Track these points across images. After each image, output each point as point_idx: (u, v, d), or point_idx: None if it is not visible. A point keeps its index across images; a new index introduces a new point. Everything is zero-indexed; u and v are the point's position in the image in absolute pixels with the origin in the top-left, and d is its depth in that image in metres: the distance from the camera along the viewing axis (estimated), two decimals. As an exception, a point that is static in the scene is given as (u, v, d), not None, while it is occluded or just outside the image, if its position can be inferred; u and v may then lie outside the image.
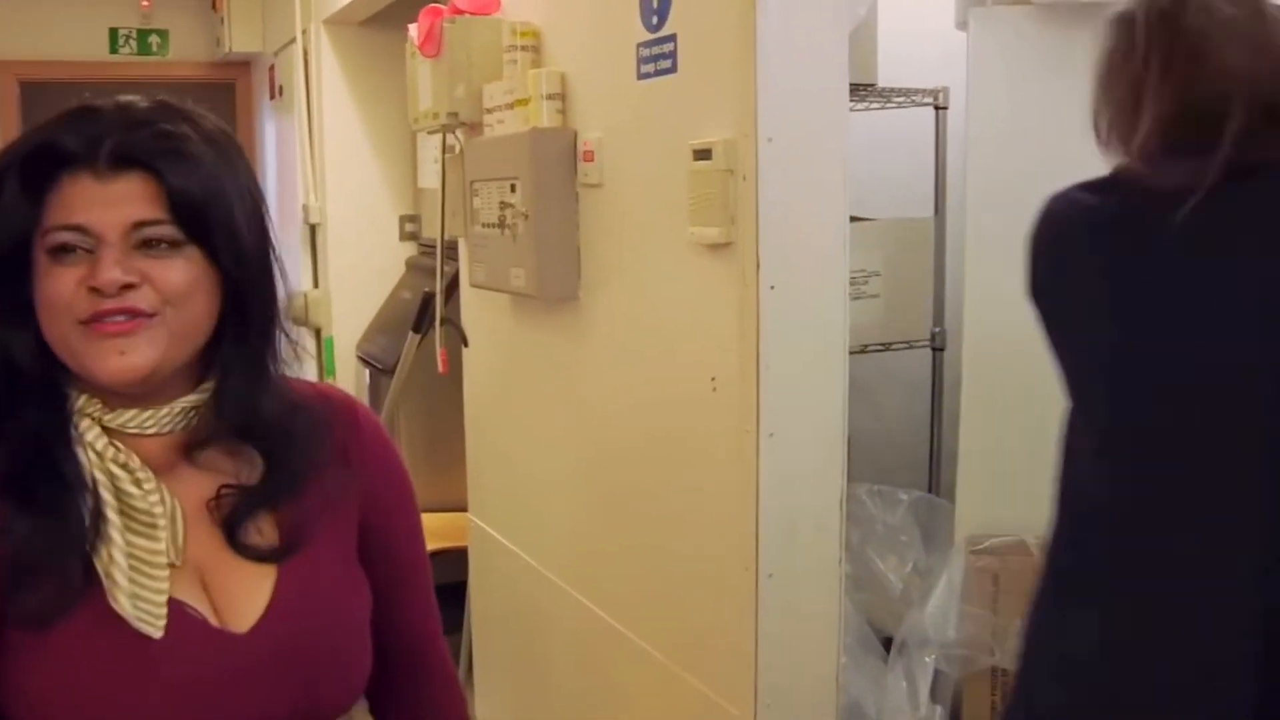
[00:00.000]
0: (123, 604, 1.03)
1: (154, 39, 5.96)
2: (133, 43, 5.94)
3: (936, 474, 2.78)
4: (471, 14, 2.72)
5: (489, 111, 2.68)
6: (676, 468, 2.16)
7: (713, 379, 2.01)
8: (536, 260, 2.44)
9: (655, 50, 2.09)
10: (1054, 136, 2.26)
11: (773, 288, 1.87)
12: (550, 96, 2.44)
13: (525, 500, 2.90)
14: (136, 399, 1.08)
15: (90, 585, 1.03)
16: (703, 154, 1.93)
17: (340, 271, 4.67)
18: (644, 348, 2.26)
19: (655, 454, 2.24)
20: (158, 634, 1.03)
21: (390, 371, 4.14)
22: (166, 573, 1.05)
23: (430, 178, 4.31)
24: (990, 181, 2.26)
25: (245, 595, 1.10)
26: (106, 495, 1.05)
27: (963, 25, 2.39)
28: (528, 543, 2.88)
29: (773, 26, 1.80)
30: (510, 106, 2.56)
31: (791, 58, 1.83)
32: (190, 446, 1.11)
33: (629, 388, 2.33)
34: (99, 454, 1.06)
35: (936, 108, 2.65)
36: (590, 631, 2.53)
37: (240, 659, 1.08)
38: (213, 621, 1.08)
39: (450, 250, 3.88)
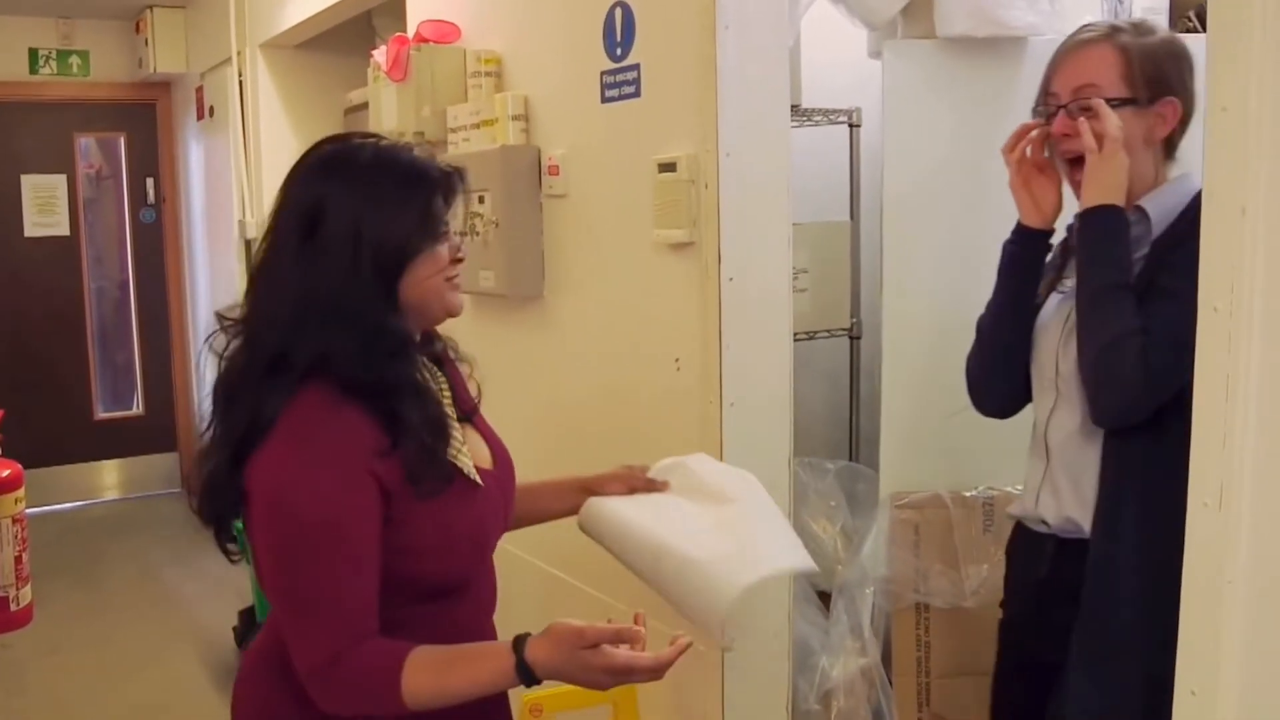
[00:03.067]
0: (469, 470, 1.54)
1: (74, 59, 6.07)
2: (53, 63, 6.04)
3: (856, 447, 3.14)
4: (435, 42, 3.00)
5: (453, 131, 2.97)
6: (644, 438, 2.47)
7: (677, 359, 2.33)
8: (507, 263, 2.74)
9: (620, 78, 2.41)
10: (957, 151, 2.63)
11: (731, 279, 2.20)
12: (515, 117, 2.74)
13: (487, 484, 3.17)
14: None
15: None
16: (667, 167, 2.26)
17: (277, 283, 4.86)
18: (608, 336, 2.57)
19: (623, 427, 2.55)
20: (480, 482, 1.56)
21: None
22: (466, 449, 1.58)
23: (366, 193, 4.55)
24: (903, 191, 2.61)
25: (477, 446, 1.63)
26: (446, 401, 1.57)
27: (875, 55, 2.75)
28: (491, 522, 3.16)
29: (730, 57, 2.14)
30: (476, 126, 2.86)
31: (745, 83, 2.17)
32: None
33: (595, 372, 2.64)
34: (431, 375, 1.57)
35: (850, 126, 3.01)
36: (558, 596, 2.83)
37: (499, 486, 1.63)
38: (478, 464, 1.59)
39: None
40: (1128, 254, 1.75)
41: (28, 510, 4.24)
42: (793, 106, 2.78)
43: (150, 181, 6.42)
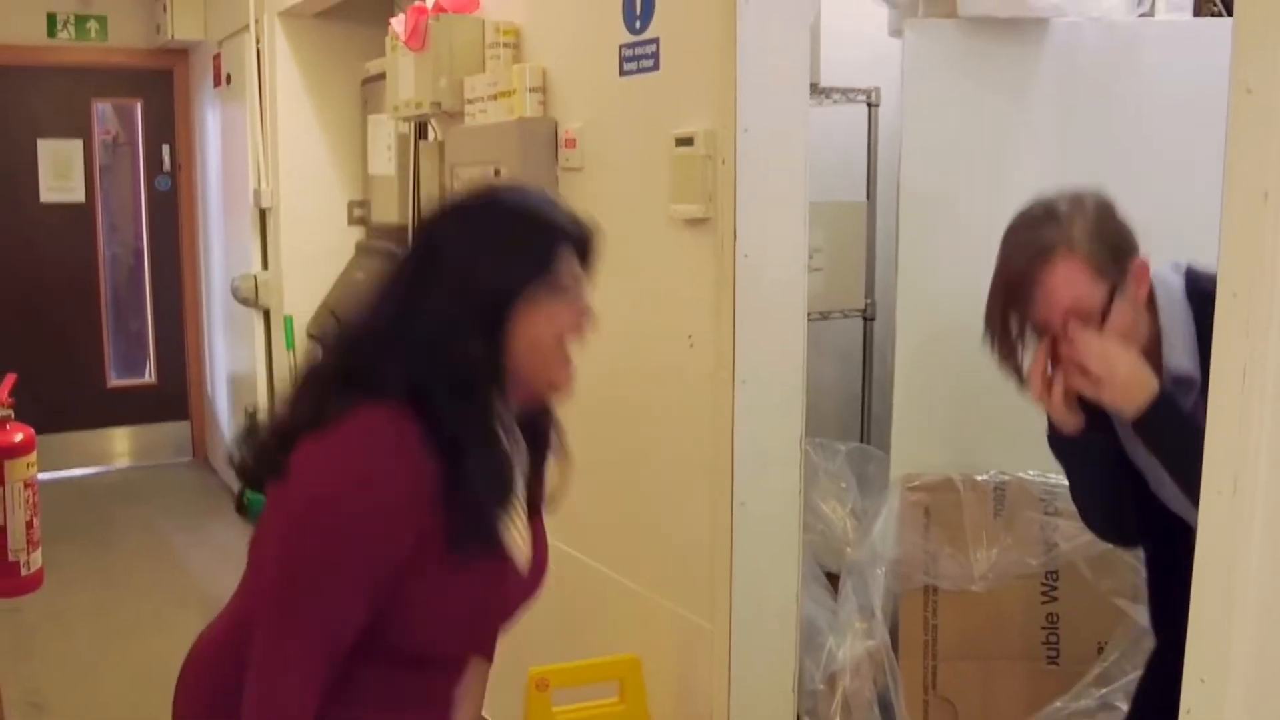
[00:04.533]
0: (514, 551, 1.46)
1: (92, 24, 6.05)
2: (71, 28, 6.03)
3: (867, 429, 3.13)
4: (454, 12, 2.99)
5: (470, 102, 2.95)
6: (654, 415, 2.47)
7: (690, 336, 2.33)
8: (521, 236, 2.72)
9: (639, 51, 2.39)
10: (978, 133, 2.61)
11: (746, 256, 2.19)
12: (533, 89, 2.73)
13: (497, 457, 3.17)
14: None
15: None
16: (685, 141, 2.25)
17: (291, 254, 4.87)
18: (621, 311, 2.55)
19: (633, 404, 2.54)
20: (520, 569, 1.49)
21: (345, 348, 4.37)
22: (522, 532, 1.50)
23: (382, 164, 4.55)
24: (920, 172, 2.59)
25: (523, 541, 1.52)
26: (519, 469, 1.47)
27: (896, 33, 2.72)
28: (500, 496, 3.16)
29: (750, 32, 2.12)
30: (494, 98, 2.84)
31: (765, 59, 2.15)
32: None
33: (607, 347, 2.60)
34: (515, 444, 1.47)
35: (869, 105, 2.99)
36: (567, 570, 2.81)
37: (522, 592, 1.54)
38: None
39: (401, 233, 4.13)
40: (1195, 428, 1.71)
41: (40, 475, 4.25)
42: (811, 85, 2.76)
43: (166, 149, 6.41)
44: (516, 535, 1.47)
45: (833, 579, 2.73)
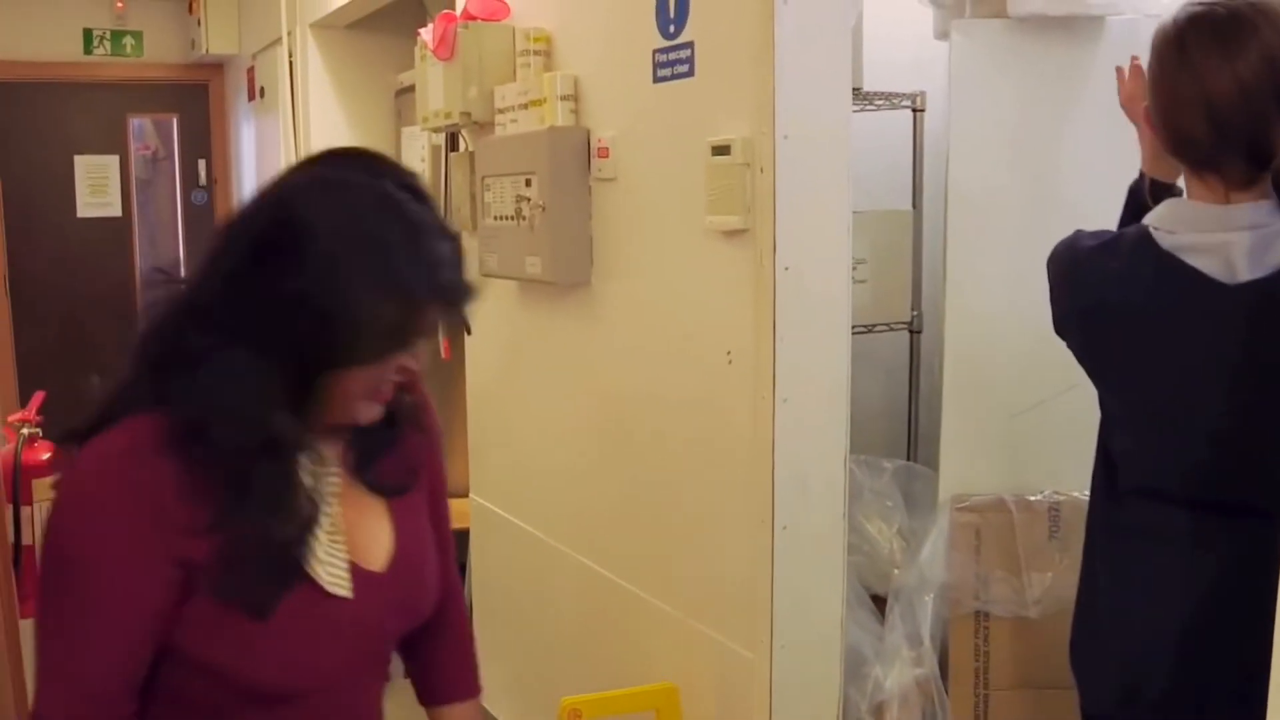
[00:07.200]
0: (328, 582, 1.25)
1: (128, 40, 6.06)
2: (107, 44, 6.04)
3: (914, 446, 3.02)
4: (483, 19, 2.91)
5: (500, 111, 2.88)
6: (692, 434, 2.37)
7: (728, 352, 2.23)
8: (553, 248, 2.65)
9: (673, 56, 2.30)
10: (1029, 137, 2.51)
11: (787, 269, 2.09)
12: (565, 97, 2.65)
13: (532, 477, 3.09)
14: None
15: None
16: (721, 150, 2.15)
17: (325, 267, 4.82)
18: (657, 326, 2.47)
19: (670, 423, 2.45)
20: (346, 594, 1.27)
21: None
22: (344, 541, 1.28)
23: (415, 176, 4.48)
24: (969, 179, 2.49)
25: (375, 537, 1.33)
26: (324, 505, 1.26)
27: (942, 35, 2.62)
28: (534, 516, 3.08)
29: (788, 34, 2.03)
30: (524, 107, 2.76)
31: (805, 63, 2.05)
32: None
33: (642, 364, 2.54)
34: (314, 475, 1.26)
35: (914, 110, 2.88)
36: (600, 594, 2.74)
37: (381, 595, 1.32)
38: (360, 564, 1.29)
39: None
40: None
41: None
42: (854, 89, 2.66)
43: (202, 163, 6.41)
44: (328, 562, 1.25)
45: (879, 603, 2.62)
